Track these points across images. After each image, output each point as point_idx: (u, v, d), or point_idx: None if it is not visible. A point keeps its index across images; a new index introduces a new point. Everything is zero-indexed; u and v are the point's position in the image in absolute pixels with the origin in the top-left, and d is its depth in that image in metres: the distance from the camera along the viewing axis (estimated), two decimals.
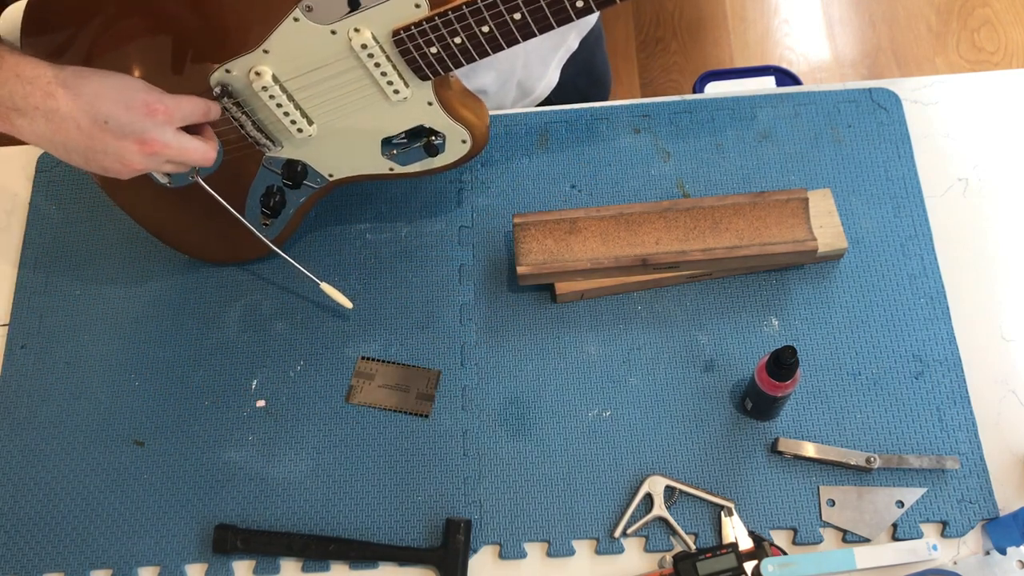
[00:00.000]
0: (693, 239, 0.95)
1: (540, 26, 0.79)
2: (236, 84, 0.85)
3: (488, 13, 0.78)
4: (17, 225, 1.09)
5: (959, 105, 1.07)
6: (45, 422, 0.98)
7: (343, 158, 0.94)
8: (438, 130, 0.91)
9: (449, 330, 0.99)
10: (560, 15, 0.78)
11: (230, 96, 0.85)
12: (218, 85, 0.84)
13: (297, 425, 0.96)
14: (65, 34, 0.82)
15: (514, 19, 0.78)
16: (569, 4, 0.77)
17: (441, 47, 0.81)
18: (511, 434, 0.94)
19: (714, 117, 1.08)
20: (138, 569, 0.92)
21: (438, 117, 0.89)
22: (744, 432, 0.93)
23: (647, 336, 0.98)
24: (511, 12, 0.78)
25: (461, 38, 0.80)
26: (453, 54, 0.82)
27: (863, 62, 2.12)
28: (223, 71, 0.84)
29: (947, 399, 0.93)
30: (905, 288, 0.98)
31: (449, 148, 0.92)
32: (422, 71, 0.84)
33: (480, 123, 0.91)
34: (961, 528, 0.88)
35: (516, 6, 0.77)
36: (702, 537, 0.89)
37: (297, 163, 0.93)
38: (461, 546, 0.88)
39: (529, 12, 0.78)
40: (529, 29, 0.79)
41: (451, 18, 0.78)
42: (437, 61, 0.82)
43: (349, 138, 0.91)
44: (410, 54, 0.82)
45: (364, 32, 0.80)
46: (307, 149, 0.93)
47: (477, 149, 0.93)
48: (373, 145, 0.92)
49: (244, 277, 1.04)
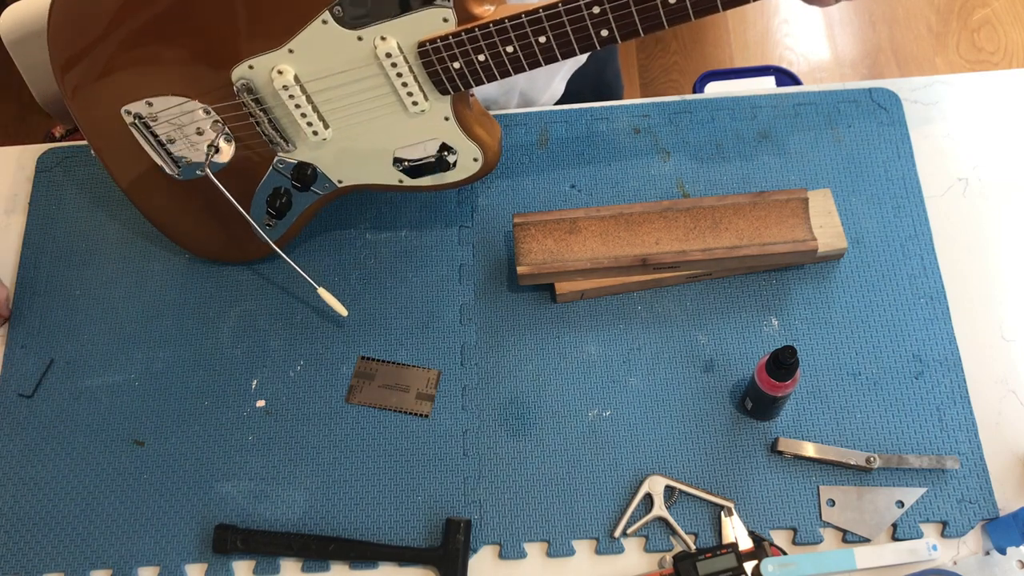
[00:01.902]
0: (693, 239, 0.95)
1: (563, 51, 0.80)
2: (257, 81, 0.85)
3: (514, 34, 0.79)
4: (17, 225, 1.09)
5: (959, 105, 1.07)
6: (45, 422, 0.98)
7: (354, 165, 0.94)
8: (451, 146, 0.91)
9: (449, 330, 0.99)
10: (584, 42, 0.79)
11: (250, 92, 0.85)
12: (239, 80, 0.85)
13: (297, 425, 0.96)
14: (96, 24, 0.83)
15: (539, 42, 0.80)
16: (594, 33, 0.78)
17: (464, 63, 0.82)
18: (511, 434, 0.94)
19: (714, 117, 1.08)
20: (138, 569, 0.92)
21: (453, 133, 0.89)
22: (744, 432, 0.93)
23: (647, 336, 0.98)
24: (537, 35, 0.79)
25: (485, 56, 0.81)
26: (476, 71, 0.82)
27: (863, 62, 2.12)
28: (246, 66, 0.84)
29: (947, 399, 0.93)
30: (905, 288, 0.98)
31: (461, 164, 0.93)
32: (443, 85, 0.84)
33: (493, 142, 0.92)
34: (961, 528, 0.88)
35: (542, 29, 0.78)
36: (702, 537, 0.89)
37: (308, 166, 0.93)
38: (461, 546, 0.88)
39: (554, 36, 0.79)
40: (552, 53, 0.81)
41: (477, 35, 0.79)
42: (459, 77, 0.83)
43: (362, 146, 0.91)
44: (433, 67, 0.82)
45: (390, 41, 0.80)
46: (320, 153, 0.93)
47: (489, 168, 0.93)
48: (385, 155, 0.92)
49: (244, 278, 1.04)
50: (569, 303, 1.00)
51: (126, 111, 0.89)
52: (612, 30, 0.78)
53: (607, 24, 0.78)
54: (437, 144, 0.90)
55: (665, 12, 0.77)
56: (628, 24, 0.78)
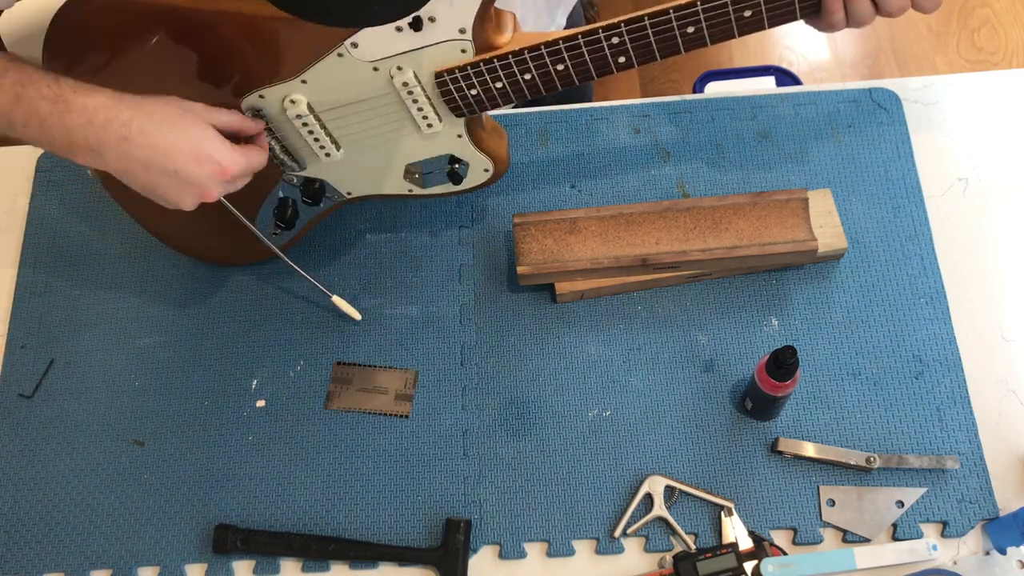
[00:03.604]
0: (693, 239, 0.95)
1: (581, 77, 0.81)
2: (268, 109, 0.84)
3: (533, 63, 0.79)
4: (17, 225, 1.09)
5: (959, 105, 1.07)
6: (45, 422, 0.98)
7: (365, 180, 0.94)
8: (462, 159, 0.91)
9: (449, 330, 0.99)
10: (602, 68, 0.80)
11: (259, 117, 0.85)
12: (249, 109, 0.84)
13: (297, 425, 0.96)
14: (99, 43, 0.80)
15: (557, 69, 0.80)
16: (612, 60, 0.79)
17: (482, 90, 0.82)
18: (511, 434, 0.94)
19: (714, 117, 1.08)
20: (138, 569, 0.92)
21: (465, 148, 0.90)
22: (744, 432, 0.93)
23: (647, 336, 0.98)
24: (555, 63, 0.80)
25: (503, 83, 0.81)
26: (493, 96, 0.83)
27: (863, 62, 2.11)
28: (256, 96, 0.83)
29: (947, 399, 0.93)
30: (905, 288, 0.98)
31: (471, 175, 0.93)
32: (459, 110, 0.85)
33: (502, 152, 0.92)
34: (961, 528, 0.88)
35: (561, 59, 0.79)
36: (702, 537, 0.89)
37: (317, 181, 0.93)
38: (461, 546, 0.88)
39: (573, 65, 0.80)
40: (570, 79, 0.81)
41: (496, 65, 0.79)
42: (476, 102, 0.83)
43: (373, 162, 0.92)
44: (450, 95, 0.83)
45: (407, 71, 0.80)
46: (330, 170, 0.93)
47: (498, 176, 0.94)
48: (396, 169, 0.93)
49: (244, 277, 1.04)
50: (569, 303, 1.00)
51: None
52: (630, 57, 0.79)
53: (625, 52, 0.78)
54: (448, 157, 0.91)
55: (683, 41, 0.78)
56: (646, 51, 0.79)
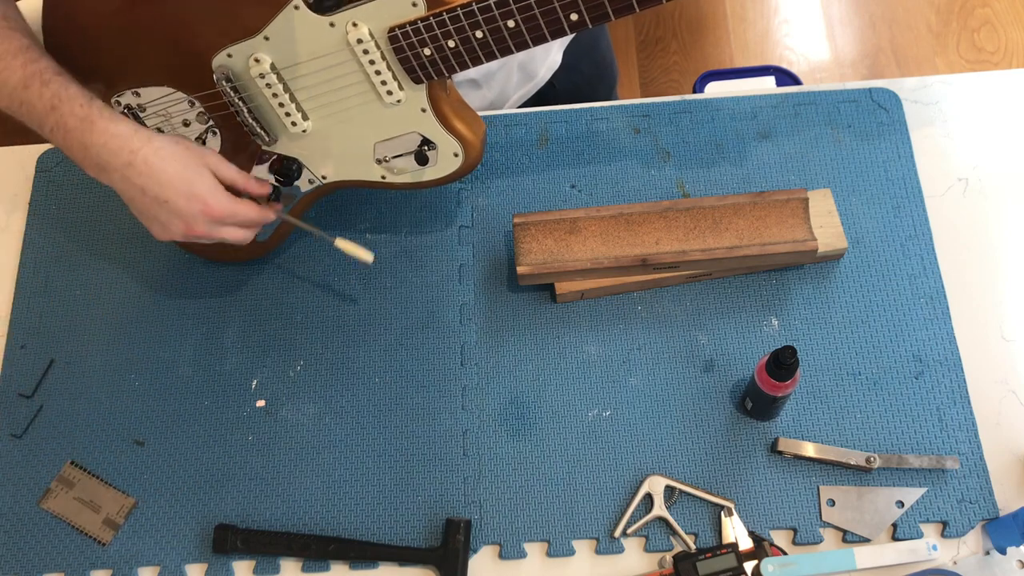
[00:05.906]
0: (693, 239, 0.95)
1: (534, 36, 0.80)
2: (236, 69, 0.86)
3: (482, 17, 0.79)
4: (17, 225, 1.09)
5: (959, 105, 1.07)
6: (46, 422, 0.98)
7: (336, 159, 0.94)
8: (431, 140, 0.91)
9: (449, 330, 0.99)
10: (554, 26, 0.79)
11: (229, 80, 0.86)
12: (219, 68, 0.85)
13: (297, 425, 0.96)
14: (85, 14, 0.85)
15: (508, 26, 0.79)
16: (563, 16, 0.78)
17: (435, 48, 0.82)
18: (511, 434, 0.94)
19: (714, 117, 1.08)
20: (138, 569, 0.92)
21: (431, 126, 0.89)
22: (744, 432, 0.93)
23: (647, 336, 0.98)
24: (505, 19, 0.79)
25: (455, 41, 0.81)
26: (446, 57, 0.82)
27: (863, 62, 2.12)
28: (224, 55, 0.85)
29: (947, 399, 0.93)
30: (905, 288, 0.98)
31: (441, 160, 0.92)
32: (415, 73, 0.85)
33: (474, 138, 0.91)
34: (961, 528, 0.88)
35: (510, 12, 0.78)
36: (702, 537, 0.89)
37: (292, 160, 0.94)
38: (461, 546, 0.88)
39: (523, 20, 0.79)
40: (523, 38, 0.80)
41: (446, 19, 0.79)
42: (430, 64, 0.83)
43: (343, 139, 0.92)
44: (404, 54, 0.83)
45: (361, 27, 0.81)
46: (301, 146, 0.93)
47: (470, 165, 0.92)
48: (366, 149, 0.93)
49: (244, 277, 1.04)
50: (569, 303, 1.00)
51: (116, 101, 0.90)
52: (582, 13, 0.77)
53: (576, 7, 0.77)
54: (418, 139, 0.91)
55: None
56: (598, 6, 0.77)
